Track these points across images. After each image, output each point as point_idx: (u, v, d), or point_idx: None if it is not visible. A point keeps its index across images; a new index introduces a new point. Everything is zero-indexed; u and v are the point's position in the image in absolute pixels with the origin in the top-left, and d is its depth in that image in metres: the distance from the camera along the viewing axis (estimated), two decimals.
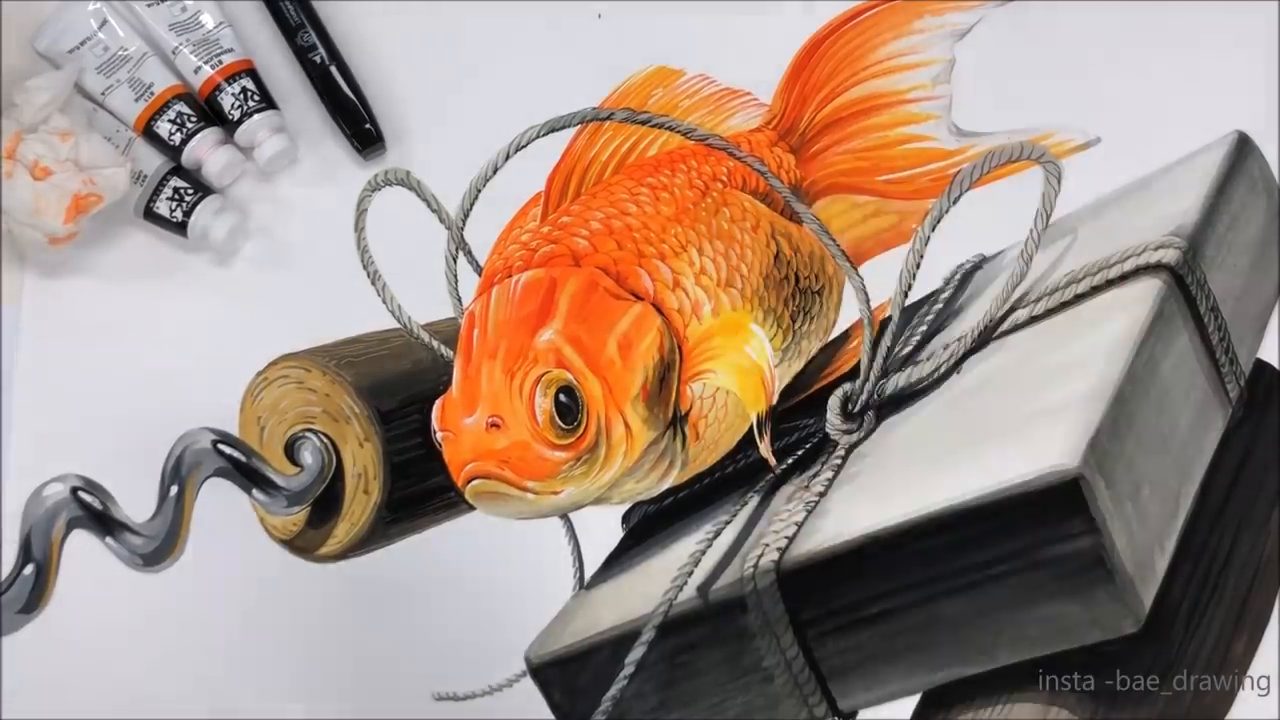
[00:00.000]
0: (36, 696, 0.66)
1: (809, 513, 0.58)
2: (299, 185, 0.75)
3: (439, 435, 0.56)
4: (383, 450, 0.63)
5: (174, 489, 0.60)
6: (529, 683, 0.63)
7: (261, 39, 0.77)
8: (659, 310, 0.58)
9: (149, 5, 0.76)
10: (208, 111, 0.75)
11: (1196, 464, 0.57)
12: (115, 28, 0.76)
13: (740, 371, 0.58)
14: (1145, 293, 0.57)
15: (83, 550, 0.59)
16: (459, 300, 0.65)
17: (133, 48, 0.76)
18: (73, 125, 0.72)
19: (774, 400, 0.58)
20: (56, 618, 0.60)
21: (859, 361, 0.61)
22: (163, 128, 0.74)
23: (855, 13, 0.68)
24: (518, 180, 0.63)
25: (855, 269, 0.61)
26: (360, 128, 0.74)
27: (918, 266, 0.60)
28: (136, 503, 0.61)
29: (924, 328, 0.64)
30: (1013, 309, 0.61)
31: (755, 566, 0.57)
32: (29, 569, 0.58)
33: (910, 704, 0.57)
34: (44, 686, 0.66)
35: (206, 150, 0.74)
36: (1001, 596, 0.53)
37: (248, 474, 0.62)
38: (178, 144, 0.74)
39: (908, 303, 0.60)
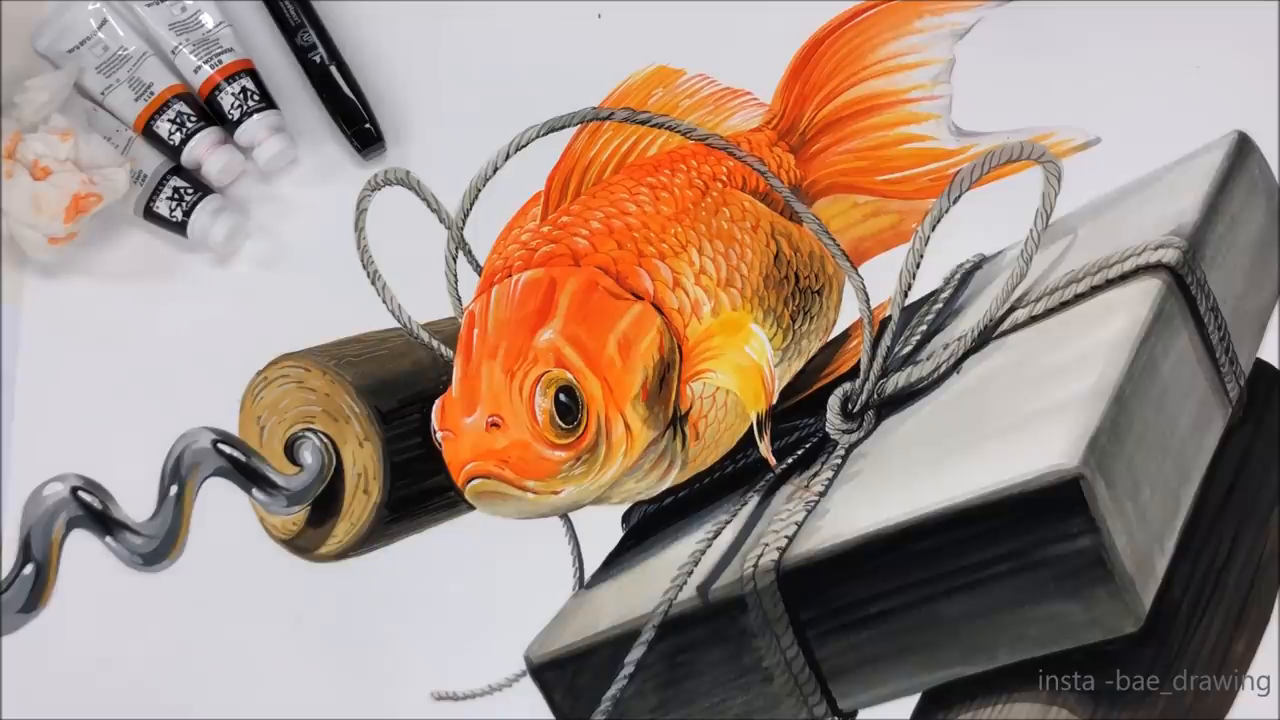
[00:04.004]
0: (36, 696, 0.66)
1: (809, 512, 0.58)
2: (299, 185, 0.75)
3: (439, 435, 0.56)
4: (383, 450, 0.63)
5: (174, 489, 0.60)
6: (529, 683, 0.63)
7: (261, 39, 0.77)
8: (659, 310, 0.58)
9: (149, 5, 0.76)
10: (207, 111, 0.75)
11: (1196, 464, 0.57)
12: (115, 27, 0.76)
13: (740, 371, 0.58)
14: (1145, 293, 0.57)
15: (83, 550, 0.59)
16: (459, 300, 0.65)
17: (132, 47, 0.76)
18: (72, 125, 0.72)
19: (774, 400, 0.58)
20: (56, 618, 0.60)
21: (859, 361, 0.61)
22: (162, 127, 0.74)
23: (855, 12, 0.68)
24: (518, 180, 0.63)
25: (855, 269, 0.61)
26: (360, 128, 0.74)
27: (918, 266, 0.60)
28: (136, 503, 0.61)
29: (924, 327, 0.64)
30: (1013, 309, 0.61)
31: (755, 566, 0.57)
32: (29, 569, 0.58)
33: (910, 704, 0.58)
34: (44, 686, 0.66)
35: (206, 150, 0.74)
36: (1001, 596, 0.53)
37: (248, 474, 0.62)
38: (177, 144, 0.74)
39: (908, 303, 0.60)
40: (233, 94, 0.74)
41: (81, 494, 0.59)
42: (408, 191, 0.65)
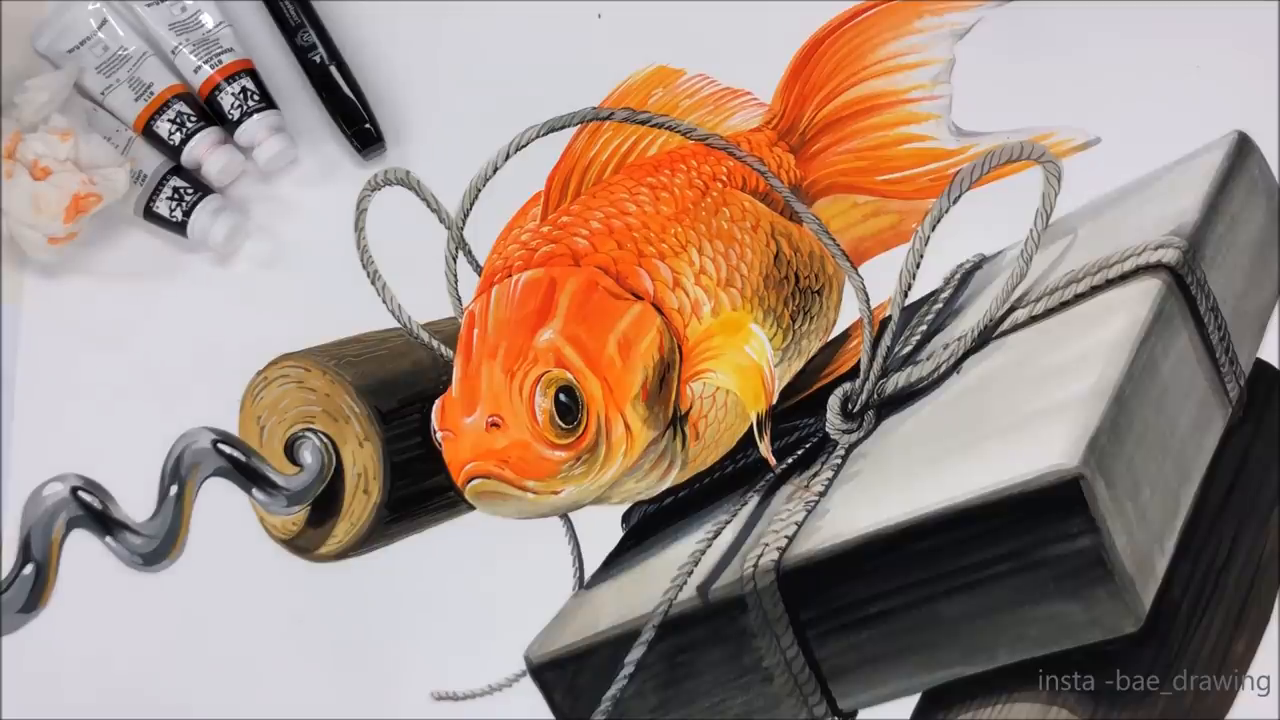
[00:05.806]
0: (36, 696, 0.66)
1: (809, 512, 0.58)
2: (299, 185, 0.75)
3: (439, 435, 0.57)
4: (383, 450, 0.63)
5: (174, 489, 0.60)
6: (529, 683, 0.63)
7: (261, 39, 0.77)
8: (659, 310, 0.58)
9: (149, 5, 0.76)
10: (207, 111, 0.75)
11: (1196, 464, 0.57)
12: (115, 27, 0.76)
13: (740, 371, 0.58)
14: (1145, 293, 0.57)
15: (83, 550, 0.59)
16: (459, 300, 0.65)
17: (132, 47, 0.76)
18: (72, 125, 0.72)
19: (774, 400, 0.58)
20: (56, 618, 0.60)
21: (859, 361, 0.61)
22: (162, 127, 0.74)
23: (855, 12, 0.68)
24: (518, 180, 0.63)
25: (855, 269, 0.61)
26: (360, 128, 0.74)
27: (918, 266, 0.60)
28: (136, 503, 0.61)
29: (924, 327, 0.64)
30: (1013, 309, 0.61)
31: (755, 566, 0.57)
32: (29, 569, 0.58)
33: (910, 704, 0.58)
34: (44, 686, 0.66)
35: (206, 150, 0.74)
36: (1001, 596, 0.53)
37: (248, 474, 0.62)
38: (177, 144, 0.74)
39: (908, 303, 0.60)
40: (233, 94, 0.74)
41: (81, 494, 0.59)
42: (408, 191, 0.65)
